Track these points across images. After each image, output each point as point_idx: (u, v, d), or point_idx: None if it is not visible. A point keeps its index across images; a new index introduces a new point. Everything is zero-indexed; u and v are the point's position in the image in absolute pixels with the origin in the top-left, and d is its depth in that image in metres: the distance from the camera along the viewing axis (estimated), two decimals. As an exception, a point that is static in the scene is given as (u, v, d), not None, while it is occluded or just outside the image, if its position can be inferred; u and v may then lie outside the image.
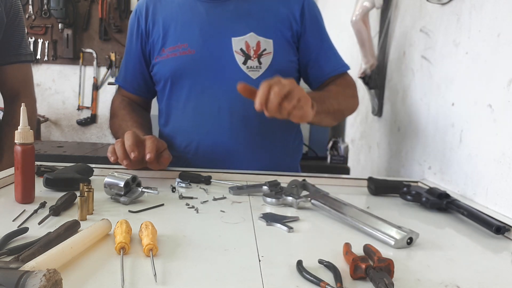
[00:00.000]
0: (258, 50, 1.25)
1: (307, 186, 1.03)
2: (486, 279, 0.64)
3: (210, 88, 1.25)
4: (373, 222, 0.81)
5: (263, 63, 1.25)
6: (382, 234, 0.77)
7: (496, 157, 0.96)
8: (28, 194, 0.88)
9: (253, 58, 1.24)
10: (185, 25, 1.27)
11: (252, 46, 1.24)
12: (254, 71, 1.24)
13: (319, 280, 0.58)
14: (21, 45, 1.36)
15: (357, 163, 2.08)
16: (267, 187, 1.02)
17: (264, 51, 1.25)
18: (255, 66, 1.24)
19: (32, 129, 0.87)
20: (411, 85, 1.43)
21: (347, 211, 0.86)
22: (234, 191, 1.02)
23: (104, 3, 4.24)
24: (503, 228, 0.82)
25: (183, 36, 1.26)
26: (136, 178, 0.94)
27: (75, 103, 4.43)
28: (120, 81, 1.41)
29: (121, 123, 1.30)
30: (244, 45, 1.24)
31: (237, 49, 1.24)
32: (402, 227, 0.78)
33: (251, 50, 1.24)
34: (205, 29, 1.26)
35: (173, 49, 1.26)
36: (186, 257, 0.66)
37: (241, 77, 1.22)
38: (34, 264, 0.54)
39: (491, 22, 1.00)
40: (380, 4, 1.61)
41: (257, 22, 1.26)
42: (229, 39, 1.24)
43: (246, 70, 1.24)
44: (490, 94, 0.99)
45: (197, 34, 1.25)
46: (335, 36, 1.39)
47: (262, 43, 1.25)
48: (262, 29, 1.26)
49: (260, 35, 1.25)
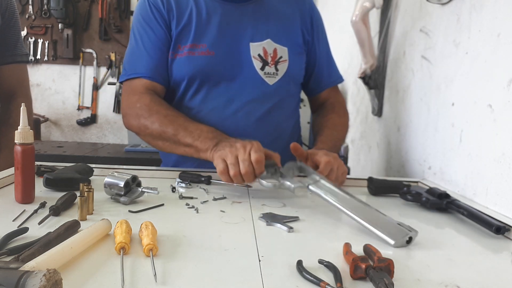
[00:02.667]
0: (275, 57, 1.26)
1: (304, 169, 1.03)
2: (486, 279, 0.64)
3: (227, 91, 1.24)
4: (372, 218, 0.81)
5: (279, 70, 1.27)
6: (382, 232, 0.76)
7: (496, 157, 0.96)
8: (28, 194, 0.88)
9: (271, 64, 1.26)
10: (203, 24, 1.24)
11: (269, 52, 1.26)
12: (271, 77, 1.26)
13: (319, 280, 0.58)
14: (16, 45, 1.36)
15: (357, 163, 2.08)
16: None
17: (280, 58, 1.27)
18: (272, 73, 1.26)
19: (30, 129, 0.87)
20: (411, 85, 1.42)
21: (346, 203, 0.87)
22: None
23: (104, 3, 4.24)
24: (503, 228, 0.82)
25: (201, 35, 1.23)
26: (136, 178, 0.94)
27: (75, 103, 4.43)
28: (144, 72, 1.22)
29: (184, 124, 1.14)
30: (262, 51, 1.25)
31: (255, 55, 1.25)
32: (402, 223, 0.78)
33: (269, 56, 1.26)
34: (223, 31, 1.24)
35: (191, 47, 1.22)
36: (186, 257, 0.66)
37: (258, 82, 1.24)
38: (34, 264, 0.54)
39: (491, 22, 1.00)
40: (380, 4, 1.61)
41: (274, 28, 1.28)
42: (247, 44, 1.25)
43: (264, 76, 1.25)
44: (490, 94, 0.99)
45: (216, 35, 1.23)
46: (335, 36, 1.40)
47: (279, 51, 1.27)
48: (278, 36, 1.27)
49: (277, 42, 1.27)
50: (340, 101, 1.44)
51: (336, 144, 1.30)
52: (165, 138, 1.16)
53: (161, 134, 1.16)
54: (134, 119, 1.21)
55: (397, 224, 0.78)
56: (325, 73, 1.40)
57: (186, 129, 1.13)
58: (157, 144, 1.22)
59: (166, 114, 1.17)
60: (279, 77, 1.27)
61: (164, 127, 1.15)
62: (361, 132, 2.02)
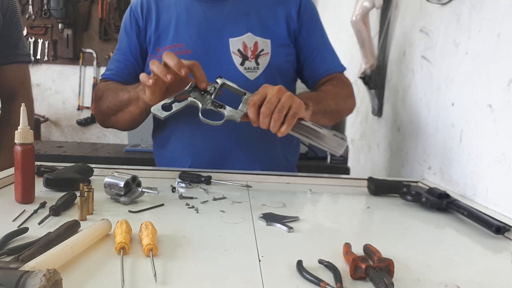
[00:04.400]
0: (255, 50, 1.23)
1: (230, 86, 1.06)
2: (486, 279, 0.64)
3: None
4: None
5: (260, 64, 1.24)
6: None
7: (496, 157, 0.96)
8: (28, 194, 0.88)
9: (251, 59, 1.23)
10: (182, 24, 1.25)
11: (249, 46, 1.23)
12: (251, 72, 1.23)
13: (319, 280, 0.58)
14: (18, 45, 1.36)
15: (357, 163, 2.08)
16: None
17: (261, 51, 1.24)
18: (252, 67, 1.23)
19: (30, 129, 0.87)
20: (411, 85, 1.43)
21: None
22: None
23: (104, 3, 4.24)
24: (503, 228, 0.82)
25: (180, 36, 1.25)
26: (136, 178, 0.94)
27: (75, 103, 4.43)
28: (109, 74, 1.32)
29: (122, 87, 1.22)
30: (242, 46, 1.23)
31: (235, 50, 1.23)
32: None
33: (249, 50, 1.23)
34: (202, 29, 1.24)
35: (169, 48, 1.24)
36: (186, 257, 0.66)
37: (239, 78, 1.20)
38: (34, 264, 0.54)
39: (491, 22, 1.00)
40: (380, 4, 1.61)
41: (255, 22, 1.25)
42: (227, 40, 1.23)
43: (244, 71, 1.23)
44: (490, 94, 0.99)
45: (195, 34, 1.24)
46: (335, 36, 1.39)
47: (260, 43, 1.24)
48: (260, 29, 1.25)
49: (258, 35, 1.24)
50: (343, 79, 1.34)
51: (321, 100, 1.19)
52: (115, 109, 1.22)
53: (111, 107, 1.23)
54: (96, 113, 1.31)
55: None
56: (320, 61, 1.31)
57: (122, 89, 1.19)
58: (117, 119, 1.25)
59: (107, 88, 1.25)
60: (261, 71, 1.23)
61: (110, 101, 1.23)
62: (361, 132, 2.02)
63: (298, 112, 0.99)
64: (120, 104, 1.19)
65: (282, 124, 0.98)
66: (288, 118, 0.98)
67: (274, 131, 0.99)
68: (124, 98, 1.18)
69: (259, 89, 1.02)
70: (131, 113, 1.19)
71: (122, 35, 1.34)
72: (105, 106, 1.24)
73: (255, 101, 0.99)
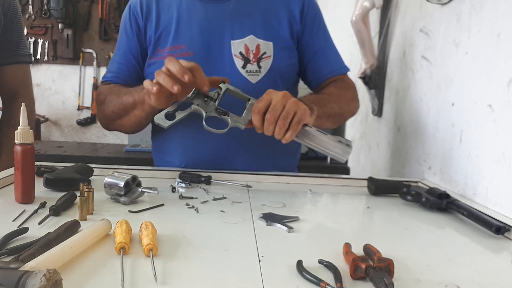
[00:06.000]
0: (257, 53, 1.22)
1: (235, 92, 1.05)
2: (486, 279, 0.64)
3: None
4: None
5: (262, 67, 1.22)
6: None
7: (496, 157, 0.96)
8: (28, 194, 0.88)
9: (253, 62, 1.21)
10: (184, 25, 1.23)
11: (251, 49, 1.21)
12: (253, 75, 1.21)
13: (319, 280, 0.58)
14: (19, 45, 1.36)
15: (357, 163, 2.08)
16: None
17: (263, 54, 1.22)
18: (254, 70, 1.21)
19: (31, 129, 0.87)
20: (411, 85, 1.43)
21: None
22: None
23: (104, 3, 4.24)
24: (503, 228, 0.82)
25: (181, 36, 1.23)
26: (136, 178, 0.94)
27: (75, 103, 4.43)
28: (110, 77, 1.29)
29: (125, 90, 1.19)
30: (244, 48, 1.21)
31: (236, 53, 1.21)
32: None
33: (251, 53, 1.21)
34: (204, 30, 1.22)
35: (170, 49, 1.22)
36: (186, 257, 0.66)
37: (241, 81, 1.19)
38: (34, 264, 0.54)
39: (491, 22, 1.00)
40: (380, 4, 1.61)
41: (257, 24, 1.23)
42: (228, 42, 1.21)
43: (246, 74, 1.21)
44: (490, 94, 0.99)
45: (196, 35, 1.22)
46: (335, 36, 1.39)
47: (262, 46, 1.22)
48: (262, 31, 1.23)
49: (260, 37, 1.22)
50: (346, 81, 1.32)
51: (325, 103, 1.18)
52: (120, 113, 1.20)
53: (115, 111, 1.21)
54: (99, 116, 1.29)
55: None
56: (324, 62, 1.29)
57: (126, 93, 1.17)
58: (122, 123, 1.23)
59: (110, 92, 1.23)
60: (263, 74, 1.22)
61: (114, 105, 1.20)
62: (361, 132, 2.02)
63: (303, 118, 0.99)
64: (125, 108, 1.18)
65: (287, 130, 0.98)
66: (292, 124, 0.98)
67: (279, 138, 0.99)
68: (128, 102, 1.16)
69: (263, 94, 1.01)
70: (137, 117, 1.17)
71: (121, 34, 1.31)
72: (109, 110, 1.22)
73: (260, 108, 0.98)
